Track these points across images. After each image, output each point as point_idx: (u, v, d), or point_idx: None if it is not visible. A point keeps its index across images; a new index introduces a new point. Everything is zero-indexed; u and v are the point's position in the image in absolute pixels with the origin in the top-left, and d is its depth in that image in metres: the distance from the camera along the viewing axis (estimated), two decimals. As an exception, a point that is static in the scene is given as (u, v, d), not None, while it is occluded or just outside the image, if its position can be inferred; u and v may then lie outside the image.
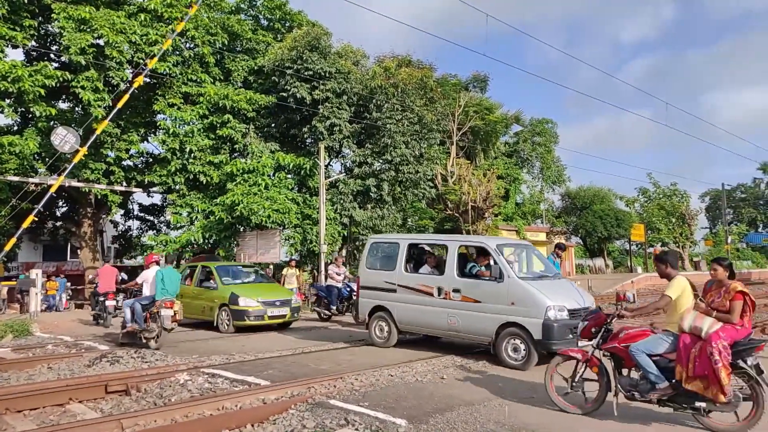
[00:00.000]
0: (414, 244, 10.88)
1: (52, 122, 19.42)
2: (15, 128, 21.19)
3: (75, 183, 19.74)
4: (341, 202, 21.86)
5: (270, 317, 13.31)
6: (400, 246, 10.61)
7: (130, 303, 11.26)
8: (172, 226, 22.77)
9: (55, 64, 20.39)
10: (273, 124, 23.37)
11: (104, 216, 25.35)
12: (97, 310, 15.01)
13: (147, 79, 17.91)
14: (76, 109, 21.23)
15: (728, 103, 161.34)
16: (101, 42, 18.91)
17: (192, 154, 20.70)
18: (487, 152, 36.80)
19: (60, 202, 25.26)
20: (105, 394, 7.09)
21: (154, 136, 23.03)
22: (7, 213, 18.72)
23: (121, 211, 26.45)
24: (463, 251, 10.13)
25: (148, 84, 20.07)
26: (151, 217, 28.40)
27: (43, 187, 17.87)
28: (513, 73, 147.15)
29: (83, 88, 18.32)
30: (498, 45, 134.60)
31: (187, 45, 21.31)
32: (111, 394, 7.11)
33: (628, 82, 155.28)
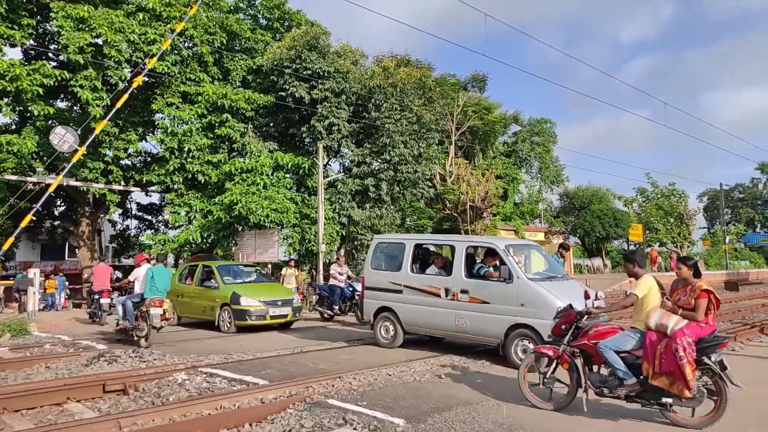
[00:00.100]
0: (420, 245, 10.77)
1: (51, 121, 19.40)
2: (13, 127, 21.14)
3: (73, 182, 19.69)
4: (340, 201, 21.85)
5: (272, 317, 13.23)
6: (405, 246, 10.50)
7: (121, 300, 11.49)
8: (171, 226, 22.74)
9: (54, 63, 20.36)
10: (272, 124, 23.36)
11: (102, 215, 25.29)
12: (93, 308, 15.26)
13: (145, 79, 17.89)
14: (74, 108, 21.19)
15: (727, 103, 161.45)
16: (100, 41, 18.88)
17: (190, 154, 20.69)
18: (486, 152, 36.79)
19: (58, 202, 25.21)
20: (103, 394, 7.09)
21: (153, 135, 23.00)
22: (5, 212, 18.69)
23: (120, 211, 26.38)
24: (470, 252, 10.03)
25: (146, 83, 20.04)
26: (150, 217, 28.35)
27: (41, 186, 17.84)
28: (512, 73, 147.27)
29: (81, 87, 18.31)
30: (497, 45, 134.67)
31: (186, 44, 21.30)
32: (109, 394, 7.12)
33: (627, 82, 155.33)
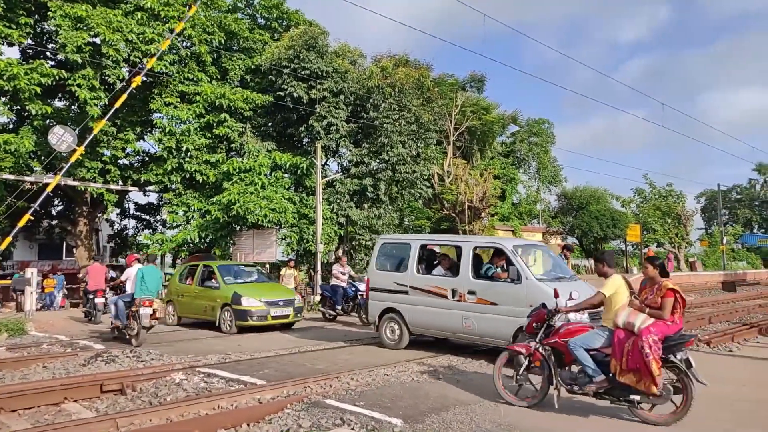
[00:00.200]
0: (426, 245, 10.65)
1: (48, 121, 19.36)
2: (10, 126, 21.10)
3: (71, 182, 19.66)
4: (338, 201, 21.84)
5: (273, 317, 13.10)
6: (411, 247, 10.38)
7: (114, 300, 11.76)
8: (168, 225, 22.73)
9: (51, 62, 20.33)
10: (270, 124, 23.34)
11: (100, 215, 25.26)
12: (88, 307, 15.55)
13: (143, 78, 17.87)
14: (72, 108, 21.16)
15: (725, 103, 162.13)
16: (98, 40, 18.85)
17: (188, 153, 20.67)
18: (484, 152, 36.80)
19: (56, 201, 25.16)
20: (100, 394, 7.07)
21: (151, 134, 22.97)
22: (2, 212, 18.65)
23: (117, 210, 26.33)
24: (477, 252, 9.93)
25: (144, 83, 20.01)
26: (147, 216, 28.30)
27: (39, 185, 17.81)
28: (510, 73, 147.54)
29: (79, 86, 18.28)
30: (495, 45, 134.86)
31: (184, 44, 21.28)
32: (106, 394, 7.10)
33: (625, 83, 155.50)
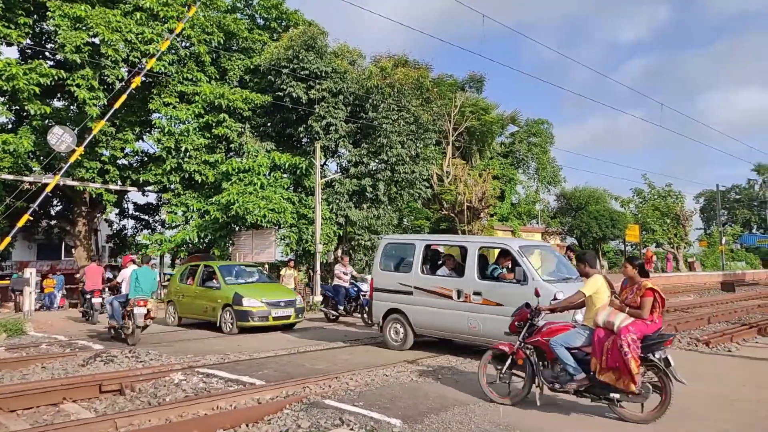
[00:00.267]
0: (430, 245, 10.57)
1: (47, 121, 19.34)
2: (9, 126, 21.08)
3: (70, 182, 19.64)
4: (337, 201, 21.83)
5: (274, 318, 13.02)
6: (416, 247, 10.28)
7: (109, 300, 12.08)
8: (167, 226, 22.72)
9: (50, 63, 20.31)
10: (269, 124, 23.34)
11: (99, 215, 25.24)
12: (85, 307, 15.82)
13: (143, 78, 17.86)
14: (71, 108, 21.15)
15: (725, 103, 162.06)
16: (96, 40, 18.84)
17: (187, 153, 20.66)
18: (483, 152, 36.79)
19: (54, 201, 25.11)
20: (99, 394, 7.07)
21: (150, 134, 22.97)
22: (1, 212, 18.63)
23: (116, 210, 26.30)
24: (482, 253, 9.85)
25: (143, 83, 19.99)
26: (146, 217, 28.27)
27: (38, 185, 17.79)
28: (509, 73, 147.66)
29: (78, 86, 18.27)
30: (494, 45, 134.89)
31: (183, 44, 21.27)
32: (105, 394, 7.09)
33: (624, 83, 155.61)
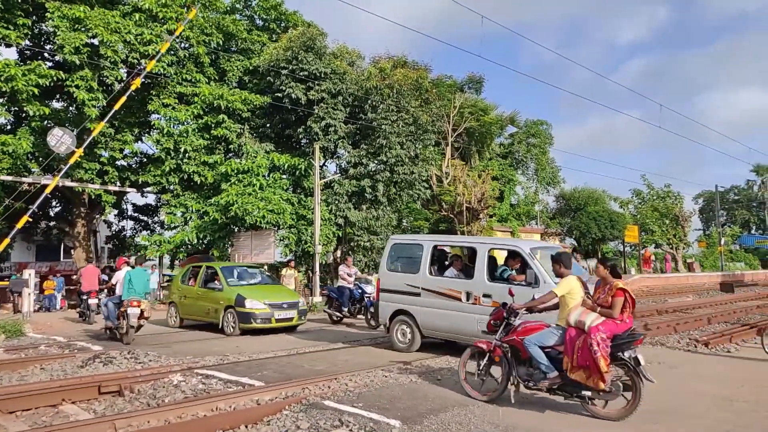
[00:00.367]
0: (438, 246, 10.48)
1: (46, 122, 19.34)
2: (8, 128, 21.08)
3: (69, 183, 19.64)
4: (336, 202, 21.84)
5: (277, 320, 12.88)
6: (424, 248, 10.14)
7: (104, 302, 12.35)
8: (166, 227, 22.71)
9: (49, 64, 20.31)
10: (268, 125, 23.34)
11: (98, 216, 25.21)
12: (82, 308, 16.11)
13: (142, 79, 17.88)
14: (70, 109, 21.14)
15: (724, 103, 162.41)
16: (95, 41, 18.83)
17: (186, 154, 20.65)
18: (482, 153, 36.82)
19: (53, 202, 25.10)
20: (98, 395, 7.05)
21: (149, 135, 22.95)
22: (0, 213, 18.61)
23: (115, 211, 26.29)
24: (492, 254, 9.73)
25: (142, 84, 19.99)
26: (145, 218, 28.28)
27: (37, 187, 17.78)
28: (508, 73, 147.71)
29: (77, 87, 18.27)
30: (493, 46, 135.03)
31: (182, 45, 21.27)
32: (104, 395, 7.08)
33: (622, 83, 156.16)
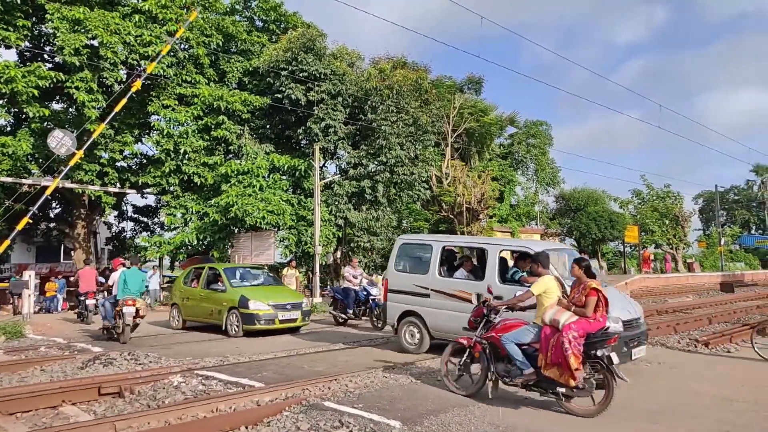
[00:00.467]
0: (447, 247, 10.36)
1: (46, 123, 19.35)
2: (8, 129, 21.09)
3: (69, 184, 19.65)
4: (336, 203, 21.85)
5: (281, 321, 12.79)
6: (433, 248, 9.97)
7: (102, 302, 12.65)
8: (166, 228, 22.72)
9: (49, 65, 20.33)
10: (268, 126, 23.36)
11: (98, 217, 25.23)
12: (80, 309, 16.39)
13: (142, 81, 17.88)
14: (69, 110, 21.15)
15: (724, 103, 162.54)
16: (95, 43, 18.86)
17: (186, 156, 20.67)
18: (482, 154, 36.86)
19: (53, 204, 25.11)
20: (98, 396, 7.05)
21: (148, 137, 22.96)
22: (0, 214, 18.61)
23: (115, 213, 26.31)
24: (503, 256, 9.58)
25: (142, 85, 19.99)
26: (145, 219, 28.29)
27: (37, 188, 17.79)
28: (507, 74, 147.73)
29: (77, 88, 18.29)
30: (493, 46, 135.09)
31: (182, 46, 21.29)
32: (104, 396, 7.08)
33: (623, 83, 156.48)
